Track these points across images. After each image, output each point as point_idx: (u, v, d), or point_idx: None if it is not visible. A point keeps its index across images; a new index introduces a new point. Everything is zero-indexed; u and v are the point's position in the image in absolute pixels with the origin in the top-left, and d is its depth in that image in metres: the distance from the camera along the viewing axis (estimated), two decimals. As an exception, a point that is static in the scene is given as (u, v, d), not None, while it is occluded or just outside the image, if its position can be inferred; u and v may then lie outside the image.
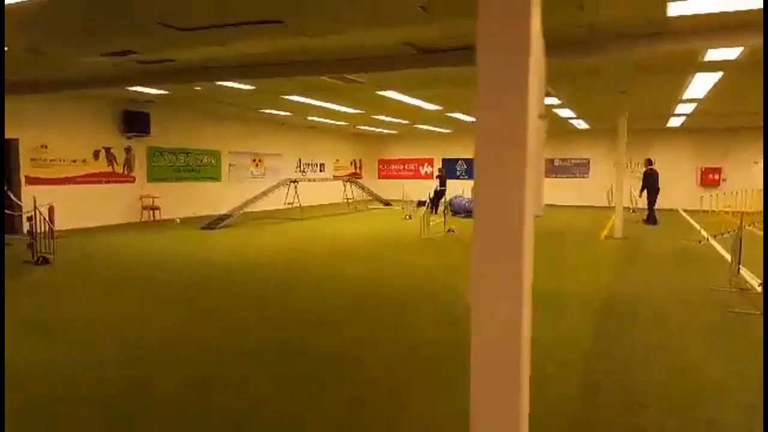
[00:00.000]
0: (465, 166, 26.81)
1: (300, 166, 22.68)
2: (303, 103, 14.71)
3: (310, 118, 19.06)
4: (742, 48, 8.06)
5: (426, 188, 21.81)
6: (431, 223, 13.61)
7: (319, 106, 15.49)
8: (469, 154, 26.63)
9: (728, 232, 10.53)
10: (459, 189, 23.79)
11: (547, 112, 16.71)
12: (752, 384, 4.28)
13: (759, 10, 5.97)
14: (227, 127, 18.79)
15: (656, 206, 16.93)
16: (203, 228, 14.25)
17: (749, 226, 15.42)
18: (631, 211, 20.81)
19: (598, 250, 11.65)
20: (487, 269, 1.97)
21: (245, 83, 11.58)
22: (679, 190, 21.52)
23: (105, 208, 14.73)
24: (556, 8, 5.63)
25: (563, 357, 4.94)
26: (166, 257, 10.15)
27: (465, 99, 14.49)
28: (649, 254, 10.98)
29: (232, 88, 12.03)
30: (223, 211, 16.01)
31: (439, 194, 18.55)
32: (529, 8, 1.85)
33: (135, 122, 15.25)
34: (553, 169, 25.27)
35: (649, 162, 17.36)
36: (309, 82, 11.27)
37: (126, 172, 15.40)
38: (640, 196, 17.36)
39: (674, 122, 19.75)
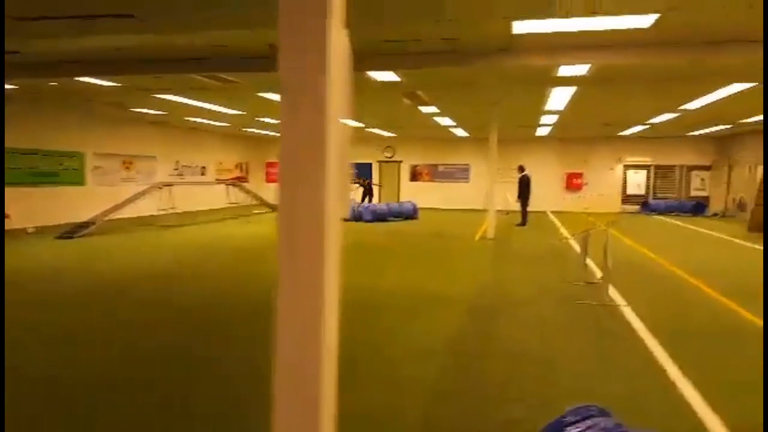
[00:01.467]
0: (356, 171, 27.02)
1: (178, 169, 21.50)
2: (178, 102, 13.99)
3: (189, 118, 18.19)
4: (589, 65, 8.90)
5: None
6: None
7: (197, 107, 14.83)
8: (358, 159, 26.94)
9: (585, 231, 11.57)
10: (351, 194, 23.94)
11: (428, 121, 17.48)
12: (587, 368, 4.70)
13: (598, 31, 6.62)
14: (93, 127, 17.34)
15: (528, 209, 18.20)
16: (59, 237, 13.02)
17: (604, 225, 17.11)
18: (505, 213, 22.20)
19: (471, 251, 12.24)
20: (290, 274, 1.95)
21: (107, 80, 10.77)
22: (547, 194, 23.26)
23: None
24: (417, 21, 5.84)
25: (420, 358, 5.09)
26: None
27: (354, 106, 14.61)
28: (515, 253, 11.73)
29: (95, 84, 11.14)
30: (85, 219, 14.73)
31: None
32: (326, 18, 1.86)
33: (-20, 120, 13.58)
34: (437, 174, 26.29)
35: (521, 168, 18.63)
36: (181, 80, 10.75)
37: (-31, 176, 13.66)
38: (518, 200, 18.56)
39: (542, 131, 21.36)
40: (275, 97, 13.04)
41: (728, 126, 18.63)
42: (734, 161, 22.09)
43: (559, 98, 12.81)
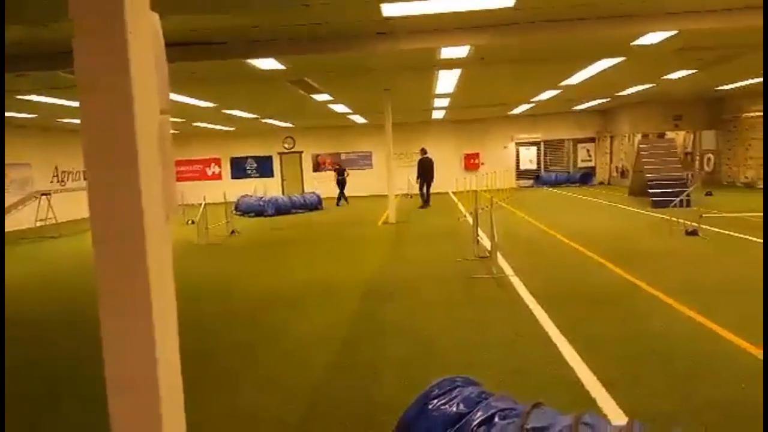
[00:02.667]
0: (255, 164, 26.33)
1: (58, 176, 19.82)
2: (48, 103, 12.84)
3: (65, 120, 16.78)
4: (468, 47, 9.17)
5: (217, 190, 20.96)
6: (211, 227, 13.01)
7: (71, 107, 13.69)
8: (258, 152, 26.23)
9: (482, 209, 12.02)
10: (249, 188, 23.35)
11: (324, 109, 17.31)
12: (472, 337, 4.88)
13: (468, 12, 6.80)
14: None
15: (431, 191, 18.66)
16: None
17: (500, 201, 17.93)
18: (409, 197, 22.62)
19: (372, 236, 12.34)
20: (111, 279, 1.81)
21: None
22: (447, 175, 23.94)
23: None
24: (282, 5, 5.69)
25: (319, 343, 5.05)
26: None
27: (240, 95, 14.14)
28: (414, 235, 11.97)
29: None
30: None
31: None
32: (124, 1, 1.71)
33: None
34: (340, 163, 26.20)
35: (423, 151, 19.05)
36: (44, 78, 9.85)
37: None
38: (417, 182, 18.93)
39: (437, 114, 21.90)
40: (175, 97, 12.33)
41: (607, 99, 20.06)
42: (615, 132, 23.91)
43: (447, 81, 13.14)
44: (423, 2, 5.96)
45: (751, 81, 16.49)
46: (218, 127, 22.61)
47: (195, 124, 20.74)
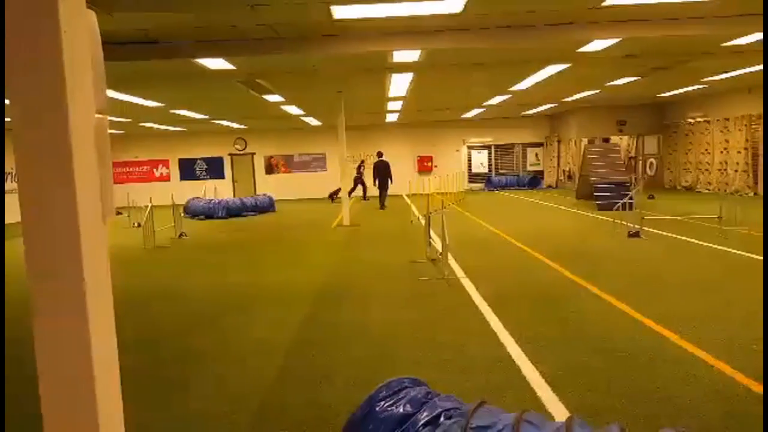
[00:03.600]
0: (205, 166, 25.76)
1: (-7, 177, 18.80)
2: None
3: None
4: (419, 51, 9.27)
5: (164, 192, 20.40)
6: (158, 230, 12.64)
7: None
8: (208, 153, 25.68)
9: (434, 211, 12.16)
10: (199, 190, 22.83)
11: (277, 110, 17.11)
12: (422, 338, 4.93)
13: (417, 17, 6.88)
14: None
15: (388, 193, 18.84)
16: None
17: (452, 204, 18.22)
18: (365, 200, 22.64)
19: (326, 239, 12.29)
20: (44, 281, 1.74)
21: None
22: (401, 177, 24.09)
23: None
24: (229, 7, 5.59)
25: (270, 347, 4.98)
26: None
27: (189, 95, 13.82)
28: (367, 238, 11.99)
29: None
30: None
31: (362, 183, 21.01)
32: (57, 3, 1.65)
33: None
34: (294, 165, 26.01)
35: (379, 154, 19.23)
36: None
37: None
38: (375, 185, 19.06)
39: (391, 118, 22.04)
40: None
41: (555, 104, 20.70)
42: (562, 137, 24.67)
43: (399, 84, 13.24)
44: (373, 5, 5.99)
45: (691, 88, 17.39)
46: (166, 127, 22.01)
47: (142, 124, 20.13)
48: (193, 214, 17.97)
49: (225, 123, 21.47)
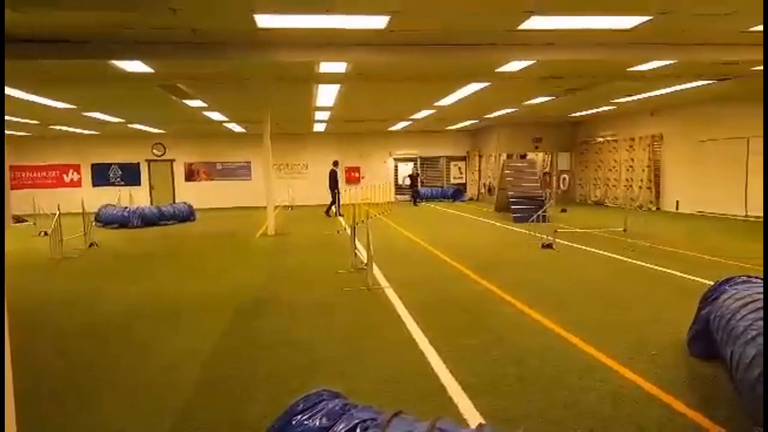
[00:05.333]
0: (120, 172, 24.47)
1: None
2: None
3: None
4: (346, 63, 9.33)
5: (75, 198, 19.16)
6: (67, 239, 11.81)
7: None
8: (124, 158, 24.44)
9: (360, 222, 12.19)
10: (113, 197, 21.64)
11: (198, 116, 16.56)
12: (345, 348, 4.90)
13: (350, 29, 6.92)
14: None
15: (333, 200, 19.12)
16: None
17: (378, 214, 18.38)
18: (290, 209, 22.38)
19: (248, 249, 12.00)
20: None
21: None
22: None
23: None
24: (148, 8, 5.38)
25: (188, 361, 4.76)
26: None
27: (104, 97, 13.10)
28: (292, 248, 11.83)
29: None
30: None
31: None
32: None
33: None
34: (217, 173, 25.27)
35: (334, 164, 19.37)
36: None
37: None
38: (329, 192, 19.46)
39: (319, 127, 21.96)
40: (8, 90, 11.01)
41: (477, 120, 21.46)
42: (484, 151, 25.60)
43: (327, 95, 13.24)
44: (298, 16, 5.97)
45: (601, 109, 18.63)
46: (79, 130, 20.74)
47: (51, 126, 18.85)
48: (106, 222, 16.98)
49: (142, 127, 20.51)
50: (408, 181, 24.87)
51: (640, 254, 9.60)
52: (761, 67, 10.68)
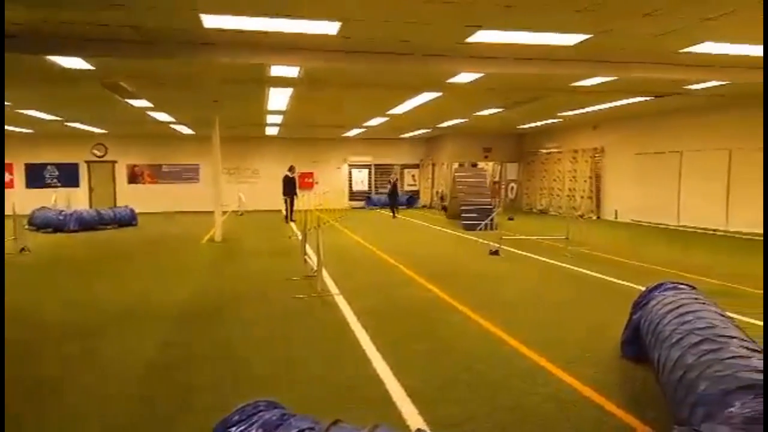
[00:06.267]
0: (57, 172, 23.36)
1: None
2: None
3: None
4: (298, 67, 9.26)
5: (7, 200, 18.10)
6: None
7: None
8: (61, 159, 23.36)
9: (312, 228, 12.07)
10: (49, 199, 20.64)
11: (143, 116, 16.04)
12: (291, 356, 4.84)
13: (301, 34, 6.87)
14: None
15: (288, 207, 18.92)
16: None
17: (331, 221, 18.28)
18: (239, 214, 21.97)
19: (195, 254, 11.68)
20: None
21: None
22: (281, 192, 23.77)
23: None
24: (87, 3, 5.17)
25: (125, 374, 4.57)
26: None
27: (39, 94, 12.49)
28: (243, 254, 11.60)
29: None
30: None
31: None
32: None
33: None
34: (162, 176, 24.52)
35: (290, 169, 19.11)
36: None
37: None
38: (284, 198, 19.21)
39: (271, 131, 21.68)
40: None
41: (430, 129, 21.75)
42: (436, 160, 25.94)
43: (279, 98, 13.10)
44: (246, 18, 5.88)
45: (547, 121, 19.26)
46: (11, 128, 19.67)
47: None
48: (40, 226, 16.14)
49: (81, 126, 19.63)
50: (388, 188, 22.68)
51: (580, 261, 9.95)
52: (696, 86, 11.32)
